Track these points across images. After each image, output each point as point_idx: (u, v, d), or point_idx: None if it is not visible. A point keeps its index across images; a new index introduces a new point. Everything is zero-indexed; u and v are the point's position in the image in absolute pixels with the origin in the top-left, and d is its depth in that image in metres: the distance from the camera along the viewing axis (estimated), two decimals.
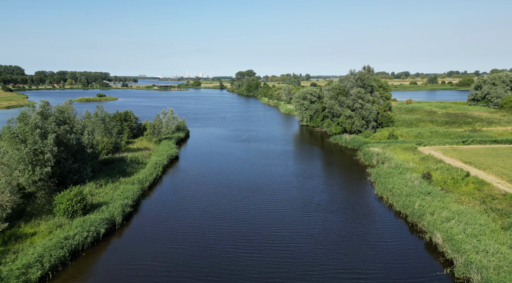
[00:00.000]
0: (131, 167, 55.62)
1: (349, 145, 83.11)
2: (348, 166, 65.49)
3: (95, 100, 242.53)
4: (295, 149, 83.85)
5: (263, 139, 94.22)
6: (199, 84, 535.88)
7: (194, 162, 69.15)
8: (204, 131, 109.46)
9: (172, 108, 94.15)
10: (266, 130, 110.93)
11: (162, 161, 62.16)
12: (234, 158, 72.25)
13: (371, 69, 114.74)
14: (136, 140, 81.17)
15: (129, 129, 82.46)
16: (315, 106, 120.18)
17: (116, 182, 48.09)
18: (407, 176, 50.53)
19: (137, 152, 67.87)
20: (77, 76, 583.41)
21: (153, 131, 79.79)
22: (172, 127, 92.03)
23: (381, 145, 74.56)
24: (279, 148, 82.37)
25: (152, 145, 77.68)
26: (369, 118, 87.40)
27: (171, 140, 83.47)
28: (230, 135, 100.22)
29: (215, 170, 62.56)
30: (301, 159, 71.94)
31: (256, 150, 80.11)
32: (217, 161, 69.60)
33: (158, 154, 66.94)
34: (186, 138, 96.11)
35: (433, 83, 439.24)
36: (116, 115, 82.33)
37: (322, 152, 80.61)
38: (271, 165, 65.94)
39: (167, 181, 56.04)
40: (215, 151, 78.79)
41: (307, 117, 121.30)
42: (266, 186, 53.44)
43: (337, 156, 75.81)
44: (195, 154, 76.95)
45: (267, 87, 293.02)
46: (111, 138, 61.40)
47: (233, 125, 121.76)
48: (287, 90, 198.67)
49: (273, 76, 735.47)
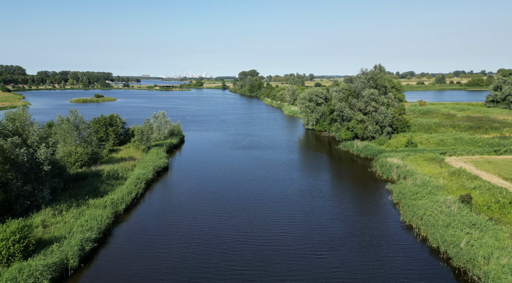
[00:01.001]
0: (106, 184, 46.69)
1: (361, 153, 73.72)
2: (362, 180, 56.16)
3: (92, 101, 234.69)
4: (300, 157, 74.62)
5: (265, 146, 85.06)
6: (201, 85, 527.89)
7: (185, 174, 60.16)
8: (202, 136, 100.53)
9: (163, 112, 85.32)
10: (268, 135, 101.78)
11: (146, 175, 53.24)
12: (231, 169, 63.18)
13: (383, 68, 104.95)
14: (122, 148, 72.35)
15: (115, 135, 73.70)
16: (321, 108, 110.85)
17: (83, 205, 39.19)
18: (439, 198, 41.17)
19: (120, 163, 59.02)
20: (79, 76, 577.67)
21: (141, 138, 70.95)
22: (165, 133, 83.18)
23: (399, 154, 65.14)
24: (282, 157, 73.19)
25: (139, 153, 68.85)
26: (384, 123, 77.96)
27: (162, 147, 74.60)
28: (230, 141, 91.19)
29: (208, 186, 53.52)
30: (307, 171, 62.71)
31: (257, 159, 71.00)
32: (211, 173, 60.57)
33: (143, 165, 58.05)
34: (181, 145, 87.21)
35: (441, 83, 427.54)
36: (101, 119, 73.62)
37: (331, 161, 71.31)
38: (273, 179, 56.78)
39: (149, 201, 47.07)
40: (210, 161, 69.77)
41: (313, 121, 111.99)
42: (267, 209, 44.30)
43: (349, 166, 66.45)
44: (188, 164, 67.95)
45: (270, 87, 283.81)
46: (86, 148, 52.64)
47: (234, 129, 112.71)
48: (291, 90, 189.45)
49: (276, 76, 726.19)
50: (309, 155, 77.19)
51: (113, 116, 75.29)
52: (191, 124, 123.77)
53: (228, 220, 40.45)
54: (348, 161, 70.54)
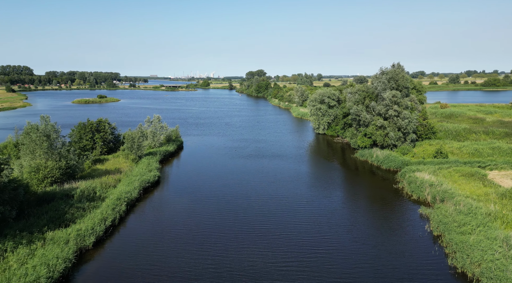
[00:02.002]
0: (76, 208, 38.19)
1: (382, 164, 64.14)
2: (388, 201, 46.70)
3: (94, 102, 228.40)
4: (311, 169, 65.36)
5: (272, 154, 75.95)
6: (208, 85, 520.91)
7: (178, 191, 51.43)
8: (203, 141, 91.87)
9: (159, 115, 76.83)
10: (276, 140, 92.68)
11: (130, 193, 44.65)
12: (232, 184, 54.28)
13: (402, 67, 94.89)
14: (110, 157, 64.02)
15: (102, 142, 65.44)
16: (334, 111, 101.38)
17: (38, 241, 30.69)
18: (497, 233, 31.70)
19: (102, 177, 50.57)
20: (86, 77, 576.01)
21: (131, 146, 62.51)
22: (160, 139, 74.71)
23: (429, 167, 55.49)
24: (291, 168, 64.04)
25: (129, 163, 60.44)
26: (408, 129, 68.24)
27: (155, 156, 66.10)
28: (233, 148, 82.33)
29: (203, 208, 44.70)
30: (320, 188, 53.42)
31: (261, 171, 61.97)
32: (208, 190, 51.74)
33: (128, 181, 49.49)
34: (178, 152, 78.64)
35: (455, 83, 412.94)
36: (87, 124, 65.41)
37: (347, 173, 61.94)
38: (279, 198, 47.68)
39: (129, 229, 38.45)
40: (209, 173, 60.98)
41: (325, 125, 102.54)
42: (273, 242, 35.28)
43: (369, 181, 56.96)
44: (183, 176, 59.24)
45: (277, 87, 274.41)
46: (59, 162, 44.29)
47: (238, 134, 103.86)
48: (299, 91, 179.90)
49: (284, 76, 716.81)
50: (321, 165, 67.85)
51: (101, 121, 67.07)
52: (193, 128, 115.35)
53: (223, 253, 31.56)
54: (367, 174, 61.05)
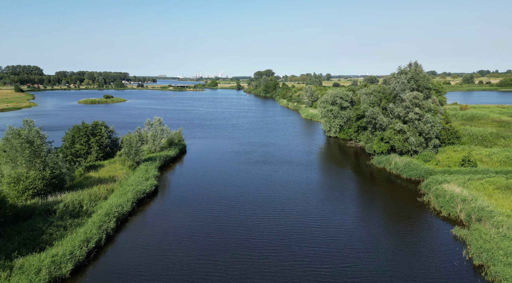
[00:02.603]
0: (56, 226, 33.39)
1: (402, 172, 58.20)
2: (414, 219, 40.86)
3: (101, 102, 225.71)
4: (323, 177, 59.76)
5: (280, 160, 70.52)
6: (215, 85, 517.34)
7: (176, 203, 46.37)
8: (208, 144, 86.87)
9: (159, 118, 71.99)
10: (284, 144, 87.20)
11: (121, 207, 39.79)
12: (236, 196, 49.02)
13: (420, 67, 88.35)
14: (106, 163, 59.38)
15: (98, 147, 60.84)
16: (346, 113, 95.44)
17: (3, 271, 25.87)
18: None
19: (94, 186, 45.85)
20: (95, 77, 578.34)
21: (128, 152, 57.77)
22: (161, 143, 69.87)
23: (457, 177, 49.44)
24: (301, 177, 58.54)
25: (125, 170, 55.69)
26: (430, 134, 62.12)
27: (154, 162, 61.28)
28: (239, 153, 77.15)
29: (202, 223, 39.54)
30: (333, 200, 47.80)
31: (269, 180, 56.59)
32: (209, 202, 46.57)
33: (121, 192, 44.64)
34: (181, 156, 73.74)
35: (469, 83, 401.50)
36: (81, 128, 60.87)
37: (363, 183, 56.16)
38: (289, 215, 42.24)
39: (117, 251, 33.47)
40: (212, 182, 55.84)
41: (337, 128, 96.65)
42: (283, 273, 29.90)
43: (388, 193, 51.07)
44: (183, 185, 54.19)
45: (286, 88, 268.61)
46: (43, 172, 39.64)
47: (245, 136, 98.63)
48: (309, 91, 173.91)
49: (292, 76, 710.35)
50: (334, 173, 62.15)
51: (97, 124, 62.46)
52: (198, 130, 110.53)
53: None
54: (386, 184, 55.16)
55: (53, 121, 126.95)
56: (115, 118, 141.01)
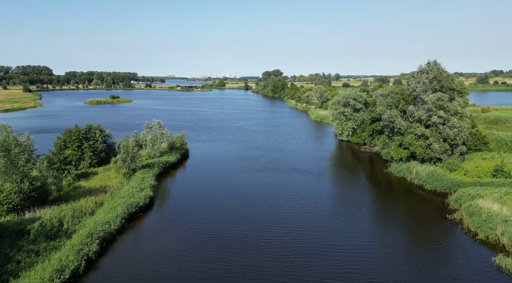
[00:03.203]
0: (26, 252, 28.55)
1: (426, 183, 52.24)
2: (445, 243, 35.01)
3: (106, 102, 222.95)
4: (335, 188, 54.11)
5: (289, 167, 65.09)
6: (223, 85, 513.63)
7: (172, 218, 41.32)
8: (212, 149, 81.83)
9: (159, 121, 67.16)
10: (293, 148, 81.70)
11: (108, 224, 34.91)
12: (239, 211, 43.76)
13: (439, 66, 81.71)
14: (100, 170, 54.72)
15: (92, 152, 56.23)
16: (360, 115, 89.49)
17: None
18: None
19: (81, 199, 41.14)
20: (103, 77, 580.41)
21: (124, 158, 53.00)
22: (161, 148, 65.03)
23: (490, 190, 43.35)
24: (311, 187, 53.03)
25: (119, 179, 50.91)
26: (457, 140, 55.97)
27: (153, 169, 56.44)
28: (245, 158, 71.95)
29: (200, 244, 34.37)
30: (348, 216, 42.18)
31: (276, 192, 51.22)
32: (210, 217, 41.40)
33: (110, 206, 39.78)
34: (183, 162, 68.85)
35: (484, 83, 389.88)
36: (74, 131, 56.32)
37: (381, 195, 50.36)
38: (299, 237, 36.80)
39: (97, 281, 28.51)
40: (213, 192, 50.69)
41: (349, 131, 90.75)
42: None
43: (411, 208, 45.18)
44: (182, 196, 49.12)
45: (294, 88, 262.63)
46: (21, 184, 34.97)
47: (252, 140, 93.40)
48: (318, 92, 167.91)
49: (301, 76, 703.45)
50: (348, 183, 56.43)
51: (90, 127, 57.83)
52: (203, 133, 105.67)
53: None
54: (407, 197, 49.28)
55: (54, 123, 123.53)
56: (119, 119, 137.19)
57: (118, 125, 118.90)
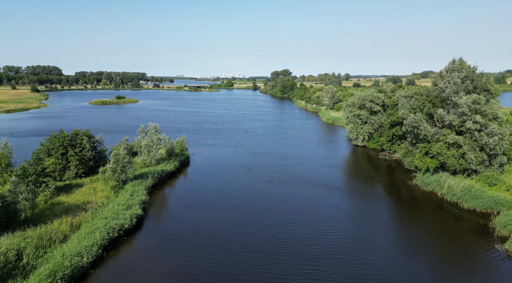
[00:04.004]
0: None
1: (462, 201, 44.64)
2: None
3: (112, 102, 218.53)
4: (353, 205, 46.80)
5: (300, 178, 58.03)
6: (231, 85, 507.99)
7: (160, 245, 34.67)
8: (216, 155, 75.19)
9: (155, 125, 60.66)
10: (304, 155, 74.55)
11: (81, 256, 28.46)
12: (241, 235, 36.97)
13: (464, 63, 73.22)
14: (87, 182, 48.47)
15: (78, 161, 50.06)
16: (377, 119, 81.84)
17: None
18: None
19: (55, 220, 34.85)
20: (112, 77, 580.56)
21: (113, 169, 46.67)
22: (157, 155, 58.60)
23: None
24: (325, 204, 45.94)
25: (106, 192, 44.58)
26: (496, 149, 48.15)
27: (146, 180, 50.02)
28: (252, 165, 65.21)
29: (196, 276, 27.68)
30: (374, 247, 34.97)
31: (285, 210, 44.26)
32: (204, 247, 34.64)
33: (89, 229, 33.37)
34: (182, 170, 62.42)
35: (501, 83, 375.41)
36: (58, 137, 50.23)
37: (408, 215, 42.90)
38: (310, 264, 29.78)
39: None
40: (212, 211, 43.97)
41: (365, 135, 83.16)
42: None
43: (448, 233, 37.70)
44: (175, 217, 42.46)
45: (304, 88, 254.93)
46: None
47: (260, 145, 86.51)
48: (330, 92, 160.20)
49: (310, 76, 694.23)
50: (367, 198, 49.06)
51: (77, 133, 51.67)
52: (207, 136, 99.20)
53: None
54: (437, 216, 41.76)
55: (53, 125, 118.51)
56: (121, 121, 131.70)
57: (119, 127, 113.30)
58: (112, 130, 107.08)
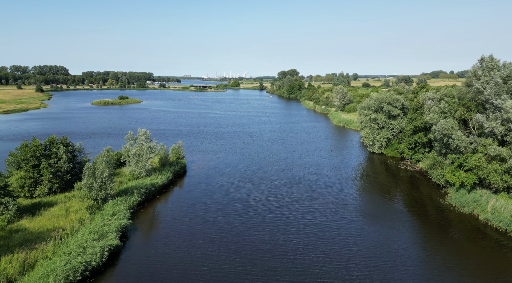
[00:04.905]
0: None
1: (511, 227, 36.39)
2: None
3: (114, 103, 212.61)
4: (372, 229, 38.75)
5: (311, 194, 50.17)
6: (238, 85, 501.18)
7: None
8: (217, 163, 67.68)
9: (145, 130, 53.18)
10: (315, 164, 66.65)
11: None
12: (243, 270, 29.33)
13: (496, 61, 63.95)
14: (60, 199, 41.23)
15: (52, 174, 42.90)
16: (396, 123, 73.48)
17: None
18: None
19: (6, 254, 27.62)
20: (118, 77, 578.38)
21: (89, 186, 39.39)
22: (147, 165, 51.19)
23: None
24: (340, 228, 38.05)
25: (81, 213, 37.30)
26: None
27: (131, 197, 42.67)
28: (256, 177, 57.61)
29: None
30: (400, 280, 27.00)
31: (293, 239, 36.49)
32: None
33: (44, 269, 26.07)
34: (176, 183, 55.03)
35: None
36: (30, 147, 43.13)
37: (439, 243, 34.76)
38: None
39: None
40: (205, 239, 36.39)
41: (383, 142, 74.85)
42: None
43: (492, 271, 29.57)
44: (158, 247, 34.97)
45: (312, 88, 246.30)
46: None
47: (266, 151, 78.75)
48: (340, 93, 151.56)
49: (317, 76, 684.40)
50: (388, 218, 40.96)
51: (52, 141, 44.48)
52: (209, 141, 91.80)
53: None
54: (481, 249, 33.54)
55: (46, 127, 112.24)
56: (120, 123, 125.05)
57: (116, 129, 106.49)
58: (109, 133, 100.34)
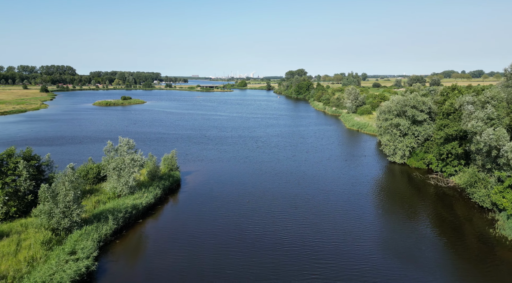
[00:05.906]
0: None
1: None
2: None
3: (116, 104, 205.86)
4: (398, 274, 29.79)
5: (324, 219, 41.37)
6: (245, 85, 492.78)
7: None
8: (216, 175, 59.24)
9: (128, 139, 44.82)
10: (329, 178, 57.74)
11: None
12: None
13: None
14: (15, 227, 33.13)
15: (8, 195, 34.80)
16: (423, 130, 64.10)
17: None
18: None
19: None
20: (125, 76, 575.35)
21: (49, 212, 31.22)
22: (131, 180, 42.88)
23: None
24: (363, 269, 29.16)
25: (34, 251, 29.12)
26: None
27: (105, 224, 34.39)
28: (260, 193, 48.99)
29: None
30: None
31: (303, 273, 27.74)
32: None
33: None
34: (167, 199, 46.70)
35: None
36: None
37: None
38: None
39: None
40: (198, 282, 27.91)
41: (406, 150, 65.51)
42: None
43: None
44: None
45: (321, 88, 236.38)
46: None
47: (273, 160, 70.03)
48: (352, 94, 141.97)
49: (325, 76, 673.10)
50: (416, 256, 31.94)
51: (10, 153, 36.45)
52: (210, 147, 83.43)
53: None
54: None
55: (38, 131, 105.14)
56: (117, 125, 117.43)
57: (111, 133, 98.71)
58: (102, 138, 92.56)
